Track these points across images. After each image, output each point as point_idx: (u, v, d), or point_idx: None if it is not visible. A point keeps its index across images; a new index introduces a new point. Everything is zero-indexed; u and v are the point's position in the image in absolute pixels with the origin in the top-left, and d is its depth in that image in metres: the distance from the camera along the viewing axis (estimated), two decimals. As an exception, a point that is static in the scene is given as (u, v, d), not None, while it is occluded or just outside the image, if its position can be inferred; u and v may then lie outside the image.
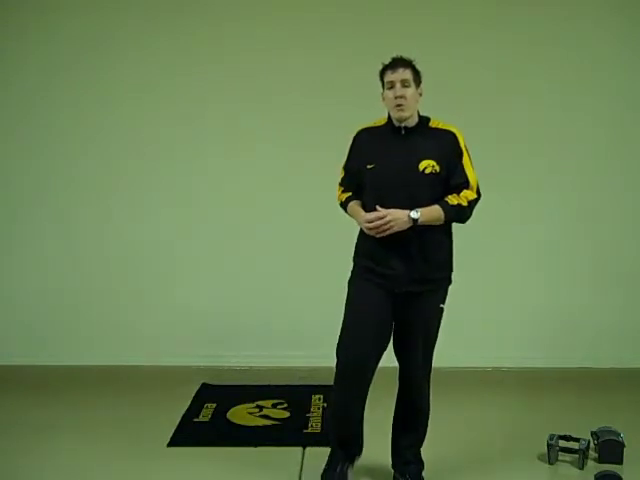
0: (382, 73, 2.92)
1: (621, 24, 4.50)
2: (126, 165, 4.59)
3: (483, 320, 4.56)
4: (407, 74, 2.86)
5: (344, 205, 3.09)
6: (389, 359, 3.30)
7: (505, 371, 4.53)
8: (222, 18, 4.48)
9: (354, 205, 3.01)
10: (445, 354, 4.47)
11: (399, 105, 2.83)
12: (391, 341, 3.05)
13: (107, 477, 3.19)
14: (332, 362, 4.43)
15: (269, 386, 4.31)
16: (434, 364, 3.16)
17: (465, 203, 2.87)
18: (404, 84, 2.85)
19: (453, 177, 2.87)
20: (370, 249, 2.93)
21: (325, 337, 4.54)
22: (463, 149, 2.91)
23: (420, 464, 3.09)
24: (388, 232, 2.79)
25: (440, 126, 2.93)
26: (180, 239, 4.62)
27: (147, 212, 4.61)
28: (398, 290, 2.90)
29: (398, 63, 2.90)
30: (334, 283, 4.41)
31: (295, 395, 4.15)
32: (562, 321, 4.59)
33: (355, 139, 3.04)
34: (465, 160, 2.91)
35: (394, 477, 3.11)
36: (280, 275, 4.59)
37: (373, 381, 2.99)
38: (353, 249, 3.16)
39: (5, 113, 4.59)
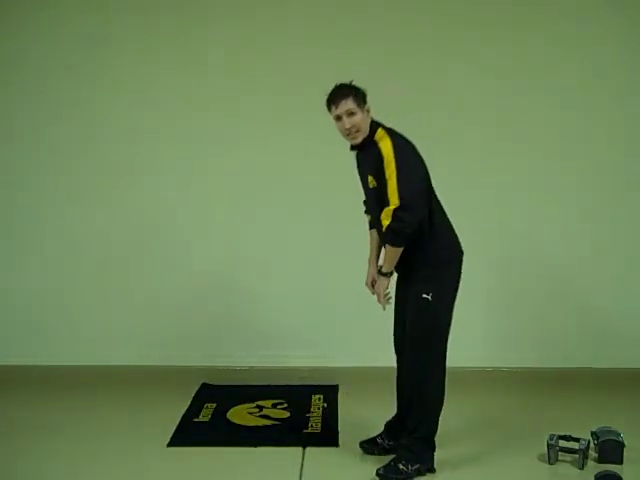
0: (327, 106, 3.04)
1: (621, 24, 4.49)
2: (126, 164, 4.58)
3: (483, 320, 4.56)
4: (350, 104, 2.97)
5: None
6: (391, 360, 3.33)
7: (505, 371, 4.53)
8: (223, 18, 4.48)
9: (372, 238, 3.29)
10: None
11: (351, 134, 3.01)
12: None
13: (107, 477, 3.19)
14: (332, 362, 4.48)
15: (269, 386, 4.31)
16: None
17: (387, 221, 2.94)
18: (349, 114, 2.97)
19: (386, 193, 2.95)
20: None
21: (325, 337, 4.58)
22: (387, 158, 2.93)
23: (404, 456, 3.10)
24: (385, 298, 3.11)
25: (377, 138, 3.00)
26: (180, 239, 4.62)
27: (147, 212, 4.60)
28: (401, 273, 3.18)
29: (338, 95, 3.00)
30: (334, 283, 4.46)
31: (295, 395, 4.15)
32: (562, 321, 4.59)
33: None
34: (388, 172, 2.93)
35: (372, 439, 3.29)
36: (280, 275, 4.59)
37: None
38: (354, 250, 3.21)
39: (5, 113, 4.59)
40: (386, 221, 2.94)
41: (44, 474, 3.21)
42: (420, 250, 3.03)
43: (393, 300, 3.20)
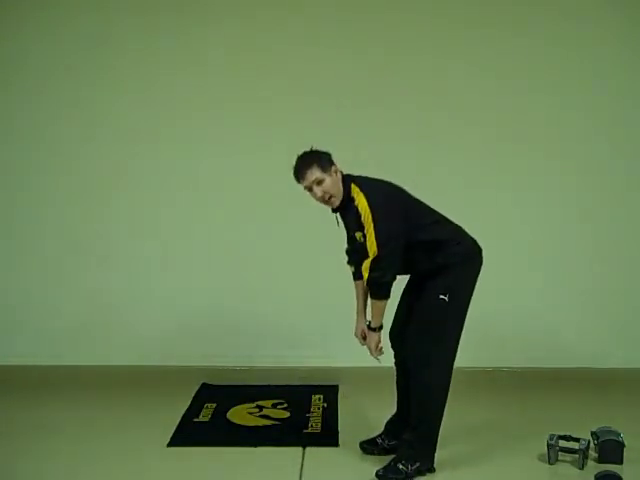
0: (295, 178, 3.08)
1: (621, 24, 4.49)
2: (126, 164, 4.59)
3: (483, 320, 4.55)
4: (315, 173, 3.01)
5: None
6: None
7: (505, 371, 4.53)
8: (223, 18, 4.48)
9: (357, 291, 3.31)
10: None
11: (326, 201, 3.05)
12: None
13: (107, 477, 3.18)
14: (332, 362, 4.48)
15: (269, 386, 4.31)
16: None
17: (366, 274, 3.00)
18: (318, 182, 3.01)
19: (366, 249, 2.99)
20: None
21: (325, 337, 4.58)
22: (364, 214, 2.97)
23: (404, 454, 3.10)
24: (377, 351, 3.16)
25: (353, 194, 3.02)
26: (180, 239, 4.62)
27: (147, 212, 4.61)
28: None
29: (302, 167, 3.03)
30: (335, 283, 4.43)
31: (295, 395, 4.15)
32: (562, 321, 4.59)
33: None
34: (366, 225, 2.97)
35: (372, 439, 3.31)
36: (281, 275, 4.59)
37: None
38: None
39: (5, 113, 4.59)
40: (365, 273, 3.00)
41: (44, 474, 3.21)
42: (433, 263, 3.09)
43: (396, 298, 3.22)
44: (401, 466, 3.06)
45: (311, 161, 3.03)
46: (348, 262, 3.31)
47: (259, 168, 4.53)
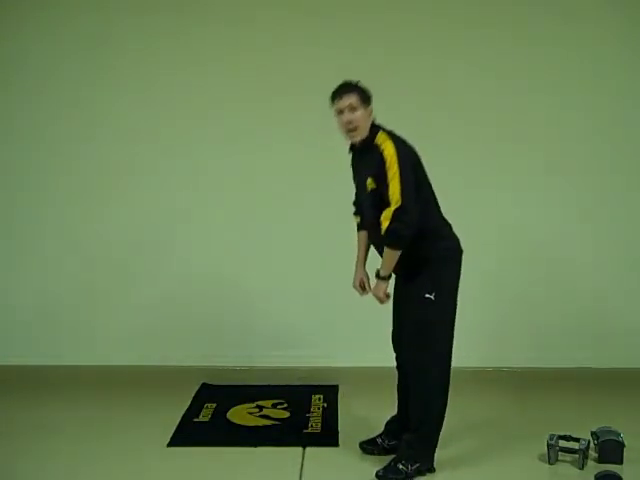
0: (331, 100, 3.07)
1: (621, 24, 4.49)
2: (126, 164, 4.59)
3: (483, 320, 4.56)
4: (353, 99, 3.00)
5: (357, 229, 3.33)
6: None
7: (505, 371, 4.53)
8: (223, 18, 4.49)
9: (360, 240, 3.29)
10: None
11: (350, 130, 3.02)
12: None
13: (107, 477, 3.18)
14: (332, 362, 4.48)
15: (269, 386, 4.31)
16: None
17: (387, 223, 2.94)
18: (351, 109, 2.99)
19: (386, 196, 2.95)
20: None
21: (325, 337, 4.58)
22: (389, 161, 2.93)
23: (404, 454, 3.09)
24: (383, 299, 3.08)
25: (378, 141, 3.00)
26: (180, 239, 4.62)
27: (147, 212, 4.61)
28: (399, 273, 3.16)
29: (342, 90, 3.03)
30: (335, 283, 4.43)
31: (295, 395, 4.15)
32: (562, 321, 4.59)
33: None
34: (390, 174, 2.93)
35: (372, 439, 3.30)
36: (281, 275, 4.59)
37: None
38: (355, 250, 3.21)
39: (5, 113, 4.59)
40: (386, 222, 2.94)
41: (44, 474, 3.21)
42: (420, 251, 3.03)
43: (391, 300, 3.19)
44: (401, 466, 3.06)
45: (354, 88, 3.03)
46: (355, 213, 3.30)
47: (259, 168, 4.54)
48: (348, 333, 4.50)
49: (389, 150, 2.95)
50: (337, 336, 4.54)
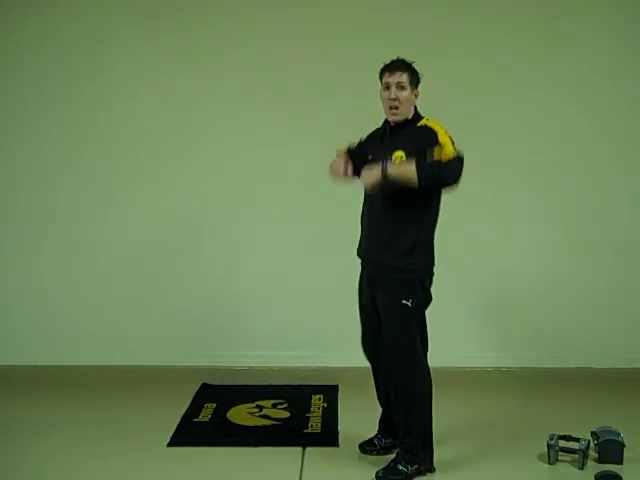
0: (381, 74, 3.05)
1: (621, 24, 4.49)
2: (126, 165, 4.59)
3: (483, 320, 4.56)
4: (403, 77, 2.97)
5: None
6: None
7: (505, 371, 4.53)
8: (223, 17, 4.48)
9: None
10: (445, 354, 4.49)
11: (392, 107, 2.98)
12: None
13: (107, 477, 3.18)
14: (332, 362, 4.48)
15: (269, 386, 4.31)
16: (434, 364, 3.16)
17: (442, 159, 2.84)
18: (399, 86, 2.97)
19: (428, 147, 2.88)
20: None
21: (325, 337, 4.58)
22: (441, 136, 2.92)
23: (403, 457, 3.09)
24: (370, 185, 2.93)
25: (428, 124, 3.00)
26: (180, 239, 4.62)
27: (146, 212, 4.60)
28: (367, 272, 3.15)
29: (396, 66, 3.01)
30: (335, 283, 4.44)
31: (295, 395, 4.15)
32: (562, 321, 4.59)
33: (371, 133, 3.24)
34: (443, 140, 2.90)
35: (369, 440, 3.32)
36: (281, 275, 4.59)
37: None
38: (353, 250, 3.20)
39: (5, 113, 4.60)
40: (434, 157, 2.85)
41: (44, 474, 3.21)
42: (407, 256, 3.00)
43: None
44: (401, 467, 3.06)
45: (408, 68, 3.01)
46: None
47: (260, 168, 4.54)
48: (348, 333, 4.47)
49: (443, 134, 2.93)
50: (337, 336, 4.53)
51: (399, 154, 2.94)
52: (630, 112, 4.54)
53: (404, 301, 3.00)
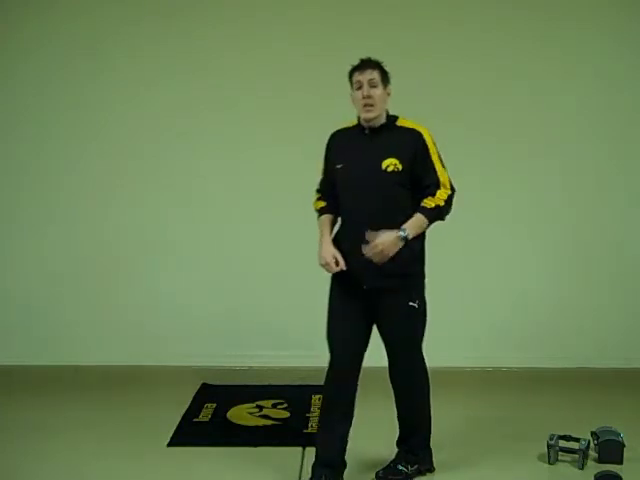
0: (351, 74, 2.97)
1: (622, 25, 4.49)
2: (126, 165, 4.59)
3: (483, 320, 4.56)
4: (375, 74, 2.91)
5: (318, 214, 3.14)
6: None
7: (505, 371, 4.53)
8: (221, 17, 4.48)
9: (324, 221, 3.07)
10: (445, 354, 4.50)
11: (366, 105, 2.88)
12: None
13: (107, 477, 3.19)
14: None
15: (269, 386, 4.31)
16: (434, 364, 3.16)
17: (442, 203, 2.88)
18: (371, 84, 2.89)
19: (424, 178, 2.88)
20: (340, 249, 2.95)
21: (325, 337, 4.56)
22: (430, 146, 2.90)
23: (404, 457, 3.08)
24: (386, 259, 2.80)
25: (406, 125, 2.94)
26: (180, 239, 4.62)
27: (146, 212, 4.61)
28: (367, 286, 2.91)
29: (365, 64, 2.94)
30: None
31: (295, 395, 4.15)
32: (562, 321, 4.59)
33: (328, 142, 3.08)
34: (434, 158, 2.90)
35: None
36: (280, 275, 4.59)
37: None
38: None
39: (6, 113, 4.60)
40: (441, 203, 2.86)
41: (44, 474, 3.21)
42: (411, 254, 2.92)
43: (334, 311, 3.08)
44: (401, 467, 3.06)
45: (377, 65, 2.95)
46: (320, 198, 3.12)
47: (260, 168, 4.54)
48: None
49: (427, 134, 2.91)
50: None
51: (392, 161, 2.86)
52: (630, 112, 4.54)
53: (411, 303, 2.95)
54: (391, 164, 2.86)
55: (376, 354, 3.16)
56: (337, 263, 2.91)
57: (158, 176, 4.59)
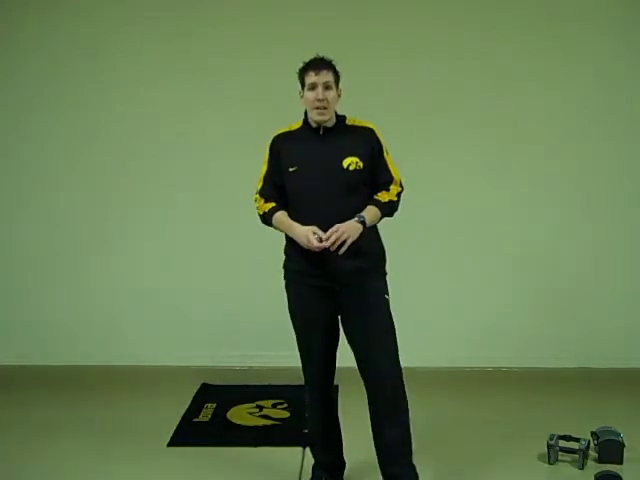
0: (303, 72, 2.85)
1: (622, 24, 4.49)
2: (126, 165, 4.59)
3: (483, 320, 4.56)
4: (330, 76, 2.82)
5: (267, 215, 2.94)
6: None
7: (505, 371, 4.53)
8: (221, 17, 4.49)
9: (282, 216, 2.88)
10: (445, 354, 4.51)
11: (320, 108, 2.78)
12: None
13: (107, 477, 3.19)
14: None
15: (269, 386, 4.31)
16: (434, 364, 3.15)
17: (395, 198, 2.86)
18: (326, 86, 2.79)
19: (380, 175, 2.85)
20: (303, 250, 2.80)
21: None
22: (383, 144, 2.87)
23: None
24: (345, 246, 2.68)
25: (356, 123, 2.89)
26: (180, 239, 4.63)
27: (146, 212, 4.61)
28: (338, 286, 2.82)
29: (321, 64, 2.83)
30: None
31: (295, 395, 4.15)
32: (562, 321, 4.59)
33: (272, 145, 2.95)
34: (386, 156, 2.87)
35: None
36: (281, 275, 4.58)
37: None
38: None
39: (6, 114, 4.60)
40: (394, 198, 2.85)
41: (44, 474, 3.21)
42: (377, 245, 2.89)
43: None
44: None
45: (331, 66, 2.85)
46: (267, 201, 2.93)
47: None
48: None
49: (379, 131, 2.87)
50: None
51: (353, 159, 2.78)
52: (631, 112, 4.54)
53: (386, 296, 2.86)
54: (352, 162, 2.79)
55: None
56: (320, 240, 2.70)
57: (158, 176, 4.59)
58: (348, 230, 2.69)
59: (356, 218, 2.74)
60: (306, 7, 4.45)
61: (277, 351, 4.54)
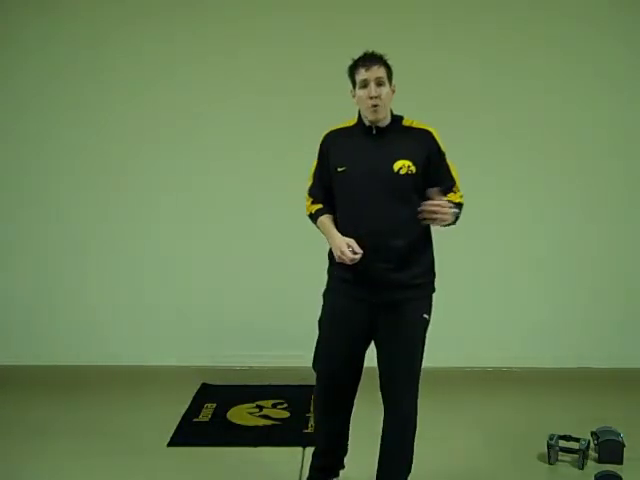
0: (353, 70, 2.70)
1: (621, 22, 4.49)
2: (126, 165, 4.60)
3: (483, 320, 4.56)
4: (381, 72, 2.64)
5: (313, 218, 2.87)
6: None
7: (505, 371, 4.53)
8: (221, 17, 4.48)
9: (326, 220, 2.78)
10: (445, 354, 4.50)
11: (374, 106, 2.63)
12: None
13: (107, 477, 3.19)
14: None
15: (269, 386, 4.31)
16: (434, 364, 3.15)
17: (463, 202, 2.70)
18: (379, 82, 2.63)
19: (442, 182, 2.65)
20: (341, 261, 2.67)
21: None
22: (443, 149, 2.70)
23: None
24: (432, 221, 2.54)
25: (414, 125, 2.72)
26: (180, 239, 4.62)
27: (146, 212, 4.61)
28: (377, 300, 2.70)
29: (372, 60, 2.66)
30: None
31: (295, 395, 4.15)
32: (562, 321, 4.59)
33: (323, 143, 2.83)
34: (448, 162, 2.71)
35: None
36: (280, 275, 4.59)
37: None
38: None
39: (6, 114, 4.60)
40: (457, 199, 2.66)
41: (44, 474, 3.21)
42: (428, 260, 2.78)
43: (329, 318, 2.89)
44: None
45: (383, 61, 2.67)
46: (314, 202, 2.88)
47: (260, 167, 4.54)
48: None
49: (438, 135, 2.69)
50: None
51: (405, 163, 2.61)
52: (630, 112, 4.54)
53: (426, 315, 2.74)
54: (404, 166, 2.61)
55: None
56: (354, 252, 2.59)
57: (158, 176, 4.59)
58: (444, 214, 2.51)
59: (455, 209, 2.56)
60: (306, 6, 4.45)
61: (277, 351, 4.56)
